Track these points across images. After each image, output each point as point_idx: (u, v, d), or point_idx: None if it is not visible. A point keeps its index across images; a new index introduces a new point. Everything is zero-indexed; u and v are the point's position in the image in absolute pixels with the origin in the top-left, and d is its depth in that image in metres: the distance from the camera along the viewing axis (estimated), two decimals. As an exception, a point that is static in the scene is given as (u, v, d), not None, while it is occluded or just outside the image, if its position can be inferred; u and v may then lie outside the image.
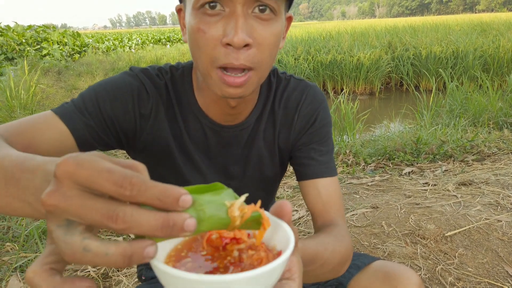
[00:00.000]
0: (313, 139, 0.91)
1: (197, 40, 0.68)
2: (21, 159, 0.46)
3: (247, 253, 0.40)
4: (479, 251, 1.78)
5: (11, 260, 1.97)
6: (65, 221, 0.32)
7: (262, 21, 0.68)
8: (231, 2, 0.64)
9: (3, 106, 4.86)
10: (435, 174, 2.82)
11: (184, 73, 0.86)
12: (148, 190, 0.31)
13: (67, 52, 13.80)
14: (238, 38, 0.64)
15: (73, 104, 0.77)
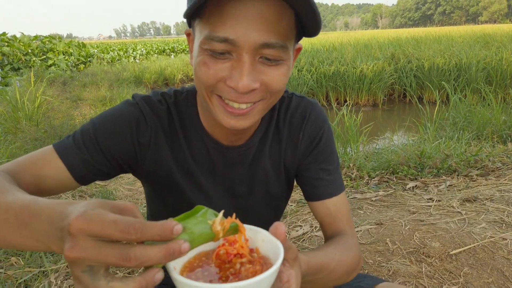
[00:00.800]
0: (319, 159, 0.92)
1: (200, 73, 0.68)
2: (27, 203, 0.53)
3: (245, 266, 0.50)
4: (485, 270, 1.77)
5: (15, 275, 1.97)
6: (87, 267, 0.42)
7: (271, 65, 0.67)
8: (239, 50, 0.64)
9: (9, 118, 4.89)
10: (439, 189, 2.81)
11: (188, 97, 0.87)
12: (148, 230, 0.41)
13: (72, 63, 13.94)
14: (243, 86, 0.64)
15: (73, 140, 0.80)
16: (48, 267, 1.99)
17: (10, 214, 0.54)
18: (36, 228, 0.50)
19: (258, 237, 0.55)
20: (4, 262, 2.08)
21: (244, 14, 0.61)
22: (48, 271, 1.98)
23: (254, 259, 0.52)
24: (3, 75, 9.55)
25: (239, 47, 0.63)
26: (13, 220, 0.53)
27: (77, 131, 0.83)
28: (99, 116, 0.84)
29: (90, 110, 6.92)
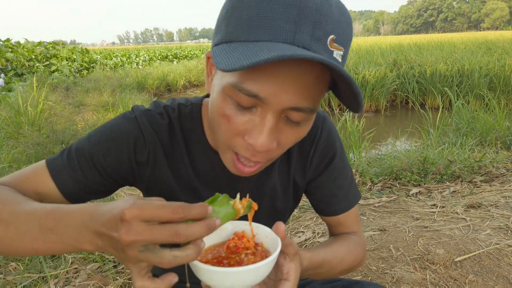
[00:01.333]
0: (333, 175, 0.91)
1: (218, 122, 0.64)
2: (50, 210, 0.59)
3: (248, 257, 0.59)
4: (490, 277, 1.74)
5: (15, 280, 1.95)
6: (143, 247, 0.49)
7: (293, 124, 0.64)
8: (265, 107, 0.60)
9: (11, 123, 4.90)
10: (443, 196, 2.79)
11: (193, 110, 0.83)
12: (191, 211, 0.51)
13: (75, 68, 13.99)
14: (262, 145, 0.61)
15: (67, 158, 0.77)
16: (48, 272, 1.97)
17: (33, 223, 0.58)
18: (63, 232, 0.56)
19: (263, 233, 0.65)
20: (3, 268, 2.07)
21: (278, 74, 0.57)
22: (47, 276, 1.96)
23: (258, 251, 0.61)
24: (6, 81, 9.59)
25: (266, 105, 0.59)
26: (36, 228, 0.58)
27: (72, 148, 0.79)
28: (96, 133, 0.80)
29: (92, 116, 6.93)
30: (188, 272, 0.60)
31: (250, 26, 0.57)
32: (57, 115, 5.69)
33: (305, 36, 0.55)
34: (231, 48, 0.57)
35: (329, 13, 0.57)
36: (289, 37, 0.55)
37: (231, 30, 0.59)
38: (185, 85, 14.53)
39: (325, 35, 0.57)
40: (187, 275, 0.62)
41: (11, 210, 0.61)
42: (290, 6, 0.55)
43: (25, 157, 3.56)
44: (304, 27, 0.55)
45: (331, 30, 0.57)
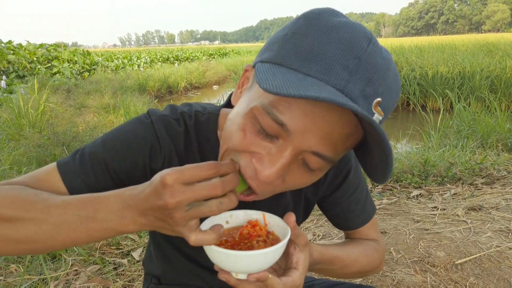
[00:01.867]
0: (349, 192, 0.90)
1: (233, 133, 0.62)
2: (86, 199, 0.60)
3: (259, 243, 0.62)
4: (491, 280, 1.73)
5: (15, 282, 1.95)
6: (188, 206, 0.53)
7: (306, 169, 0.62)
8: (286, 141, 0.58)
9: (12, 124, 4.91)
10: (444, 198, 2.78)
11: (210, 120, 0.81)
12: (223, 166, 0.56)
13: (77, 70, 14.01)
14: (267, 177, 0.59)
15: (79, 161, 0.74)
16: (48, 274, 1.97)
17: (69, 215, 0.59)
18: (105, 218, 0.58)
19: (275, 222, 0.67)
20: (3, 270, 2.07)
21: (313, 114, 0.55)
22: (48, 278, 1.96)
23: (269, 239, 0.64)
24: (8, 83, 9.61)
25: (289, 139, 0.57)
26: (75, 219, 0.59)
27: (86, 151, 0.76)
28: (111, 137, 0.77)
29: (93, 118, 6.94)
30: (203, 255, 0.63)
31: (307, 58, 0.55)
32: (58, 117, 5.70)
33: (355, 88, 0.54)
34: (279, 71, 0.55)
35: (385, 76, 0.56)
36: (340, 83, 0.53)
37: (285, 53, 0.57)
38: (186, 87, 14.55)
39: (374, 95, 0.55)
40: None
41: (41, 207, 0.61)
42: (352, 55, 0.54)
43: (26, 159, 3.57)
44: (358, 80, 0.54)
45: (381, 93, 0.56)
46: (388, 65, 0.57)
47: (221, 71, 18.60)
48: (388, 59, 0.58)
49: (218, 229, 0.57)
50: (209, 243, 0.55)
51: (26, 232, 0.60)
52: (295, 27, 0.59)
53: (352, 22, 0.58)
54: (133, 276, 2.00)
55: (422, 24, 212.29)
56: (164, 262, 0.97)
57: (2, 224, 0.61)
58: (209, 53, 32.80)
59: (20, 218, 0.60)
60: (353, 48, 0.55)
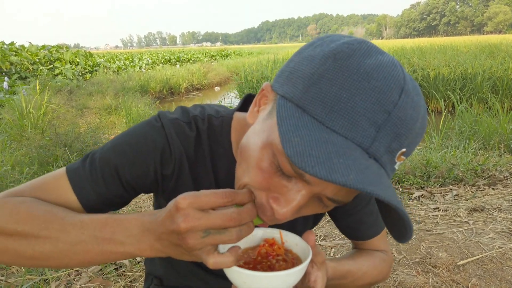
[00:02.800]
0: (362, 202, 0.88)
1: (251, 170, 0.60)
2: (103, 220, 0.60)
3: (280, 263, 0.62)
4: (493, 281, 1.72)
5: (16, 283, 1.96)
6: (204, 233, 0.52)
7: (320, 204, 0.61)
8: (304, 184, 0.56)
9: (14, 125, 4.92)
10: (446, 199, 2.77)
11: (223, 124, 0.80)
12: (238, 196, 0.55)
13: (79, 72, 14.05)
14: (284, 215, 0.58)
15: (89, 169, 0.73)
16: (49, 275, 1.97)
17: (86, 235, 0.59)
18: (123, 241, 0.58)
19: (293, 241, 0.67)
20: (5, 270, 2.07)
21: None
22: (49, 279, 1.96)
23: (288, 258, 0.64)
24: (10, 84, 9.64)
25: (307, 184, 0.56)
26: (91, 240, 0.59)
27: (96, 157, 0.74)
28: (121, 142, 0.75)
29: (95, 119, 6.95)
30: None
31: (332, 109, 0.51)
32: (60, 118, 5.71)
33: (381, 147, 0.51)
34: (303, 123, 0.52)
35: (413, 127, 0.53)
36: (366, 142, 0.51)
37: (309, 98, 0.53)
38: (187, 88, 14.56)
39: (399, 148, 0.53)
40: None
41: (58, 225, 0.61)
42: (381, 109, 0.51)
43: (28, 159, 3.57)
44: (385, 137, 0.51)
45: (407, 144, 0.54)
46: (417, 115, 0.54)
47: (222, 72, 18.62)
48: (418, 107, 0.54)
49: (236, 251, 0.55)
50: (228, 266, 0.54)
51: (42, 249, 0.60)
52: (323, 69, 0.54)
53: (385, 63, 0.53)
54: (134, 277, 2.00)
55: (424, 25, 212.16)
56: (166, 264, 0.97)
57: (18, 240, 0.61)
58: (211, 55, 32.83)
59: (36, 235, 0.60)
60: (383, 101, 0.51)
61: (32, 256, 0.61)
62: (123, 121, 6.60)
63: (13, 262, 0.63)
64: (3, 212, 0.63)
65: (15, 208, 0.63)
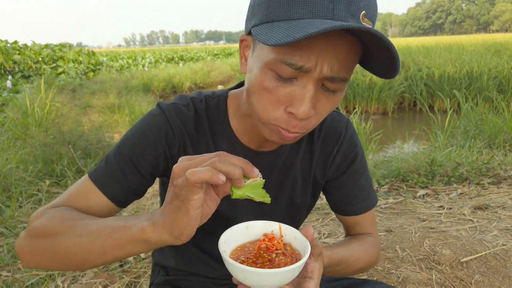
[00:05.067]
0: (355, 176, 0.93)
1: (260, 95, 0.68)
2: (118, 217, 0.68)
3: (279, 257, 0.64)
4: (496, 278, 1.72)
5: (22, 278, 1.97)
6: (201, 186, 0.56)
7: (329, 93, 0.67)
8: (306, 77, 0.64)
9: (19, 124, 4.95)
10: (450, 197, 2.77)
11: (219, 102, 0.86)
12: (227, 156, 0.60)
13: (82, 70, 14.09)
14: (304, 113, 0.65)
15: (107, 166, 0.81)
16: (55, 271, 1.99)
17: (104, 225, 0.66)
18: (133, 224, 0.64)
19: (292, 234, 0.69)
20: (11, 266, 2.09)
21: (320, 46, 0.61)
22: (55, 274, 1.97)
23: (287, 251, 0.66)
24: (13, 83, 9.69)
25: (307, 76, 0.63)
26: (108, 230, 0.65)
27: (110, 156, 0.82)
28: (129, 136, 0.83)
29: (98, 117, 6.98)
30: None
31: (290, 5, 0.60)
32: (64, 116, 5.74)
33: (342, 11, 0.59)
34: (274, 26, 0.61)
35: None
36: (328, 13, 0.59)
37: (272, 10, 0.62)
38: (190, 87, 14.59)
39: (358, 10, 0.60)
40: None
41: (82, 224, 0.69)
42: None
43: (32, 157, 3.59)
44: (340, 4, 0.59)
45: (363, 6, 0.61)
46: None
47: (226, 71, 18.63)
48: None
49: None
50: (204, 173, 0.56)
51: (67, 245, 0.68)
52: None
53: None
54: (139, 273, 2.01)
55: (429, 24, 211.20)
56: (176, 254, 1.01)
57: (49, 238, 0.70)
58: (214, 53, 32.85)
59: (63, 232, 0.69)
60: None
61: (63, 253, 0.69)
62: (126, 120, 6.63)
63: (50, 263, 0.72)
64: (43, 220, 0.72)
65: (51, 216, 0.73)
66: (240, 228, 0.69)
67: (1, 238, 2.42)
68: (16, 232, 2.44)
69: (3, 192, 2.97)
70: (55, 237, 0.69)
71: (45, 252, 0.70)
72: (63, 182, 3.34)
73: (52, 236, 0.70)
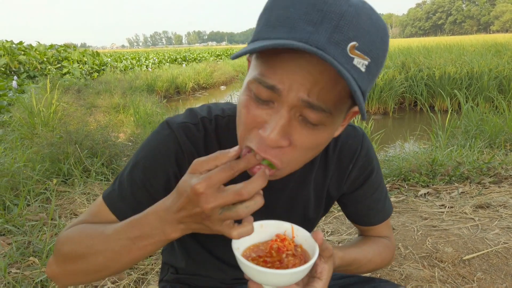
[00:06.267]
0: (370, 191, 0.93)
1: (240, 114, 0.67)
2: (129, 223, 0.69)
3: (289, 258, 0.67)
4: (498, 275, 1.76)
5: (32, 275, 2.01)
6: (220, 209, 0.59)
7: (310, 126, 0.63)
8: (281, 101, 0.60)
9: (25, 123, 4.99)
10: (452, 196, 2.81)
11: (229, 122, 0.85)
12: (240, 164, 0.60)
13: (86, 71, 14.14)
14: (272, 139, 0.61)
15: (119, 190, 0.83)
16: (65, 267, 2.02)
17: (123, 239, 0.69)
18: (150, 233, 0.66)
19: (302, 236, 0.71)
20: (20, 263, 2.12)
21: (295, 69, 0.58)
22: (65, 271, 2.01)
23: (297, 253, 0.69)
24: (19, 83, 9.74)
25: (281, 99, 0.60)
26: (128, 242, 0.68)
27: (123, 178, 0.84)
28: (140, 158, 0.83)
29: (103, 117, 7.02)
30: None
31: (275, 26, 0.59)
32: (70, 116, 5.78)
33: (321, 37, 0.55)
34: (256, 44, 0.59)
35: (354, 20, 0.56)
36: (304, 36, 0.55)
37: (259, 29, 0.62)
38: (194, 87, 14.63)
39: (345, 40, 0.56)
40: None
41: (101, 239, 0.72)
42: (316, 10, 0.56)
43: (40, 157, 3.63)
44: (322, 30, 0.55)
45: (354, 36, 0.56)
46: (357, 10, 0.57)
47: (228, 71, 18.67)
48: (357, 5, 0.58)
49: (251, 220, 0.63)
50: (249, 233, 0.62)
51: (97, 262, 0.72)
52: (266, 4, 0.64)
53: None
54: (147, 270, 2.05)
55: (430, 24, 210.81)
56: (188, 256, 1.01)
57: (77, 261, 0.74)
58: (217, 54, 32.89)
59: (88, 253, 0.73)
60: (315, 4, 0.56)
61: (91, 270, 0.73)
62: (131, 120, 6.66)
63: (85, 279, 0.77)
64: (68, 246, 0.77)
65: (71, 238, 0.77)
66: (255, 226, 0.68)
67: (9, 236, 2.46)
68: (24, 230, 2.48)
69: (11, 191, 3.01)
70: (83, 259, 0.73)
71: (78, 273, 0.75)
72: (70, 181, 3.38)
73: (80, 259, 0.73)
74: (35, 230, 2.48)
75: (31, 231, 2.47)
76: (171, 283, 1.06)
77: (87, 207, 2.89)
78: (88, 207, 0.86)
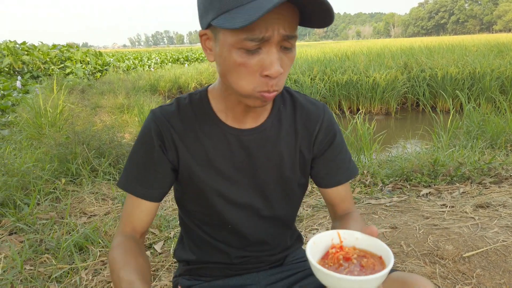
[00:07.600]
0: (336, 151, 1.06)
1: (238, 72, 0.80)
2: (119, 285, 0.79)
3: (363, 260, 0.67)
4: (497, 272, 1.82)
5: (46, 272, 2.08)
6: None
7: (287, 51, 0.81)
8: (268, 44, 0.77)
9: (32, 124, 5.07)
10: (453, 196, 2.87)
11: (201, 95, 1.00)
12: None
13: (89, 71, 14.24)
14: (276, 71, 0.78)
15: (137, 177, 0.97)
16: (79, 264, 2.10)
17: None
18: None
19: (353, 236, 0.73)
20: (34, 260, 2.19)
21: (273, 17, 0.75)
22: (78, 267, 2.08)
23: (362, 254, 0.70)
24: (23, 83, 9.83)
25: (269, 43, 0.77)
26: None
27: (127, 166, 1.00)
28: (135, 145, 1.00)
29: (108, 117, 7.09)
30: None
31: None
32: (75, 116, 5.85)
33: None
34: (232, 13, 0.74)
35: None
36: None
37: (225, 2, 0.75)
38: (196, 87, 14.69)
39: None
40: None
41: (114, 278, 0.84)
42: None
43: (48, 157, 3.71)
44: None
45: None
46: None
47: (230, 71, 18.70)
48: None
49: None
50: None
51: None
52: None
53: None
54: (157, 267, 2.12)
55: (432, 24, 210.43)
56: (195, 247, 1.11)
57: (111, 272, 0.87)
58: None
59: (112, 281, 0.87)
60: None
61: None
62: (136, 120, 6.73)
63: None
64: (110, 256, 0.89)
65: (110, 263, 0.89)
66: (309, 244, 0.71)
67: (21, 234, 2.53)
68: (35, 228, 2.55)
69: (22, 190, 3.09)
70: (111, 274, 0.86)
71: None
72: (78, 181, 3.45)
73: (111, 271, 0.87)
74: (46, 228, 2.55)
75: (42, 229, 2.54)
76: (182, 276, 1.16)
77: (96, 206, 2.96)
78: (98, 207, 1.00)
